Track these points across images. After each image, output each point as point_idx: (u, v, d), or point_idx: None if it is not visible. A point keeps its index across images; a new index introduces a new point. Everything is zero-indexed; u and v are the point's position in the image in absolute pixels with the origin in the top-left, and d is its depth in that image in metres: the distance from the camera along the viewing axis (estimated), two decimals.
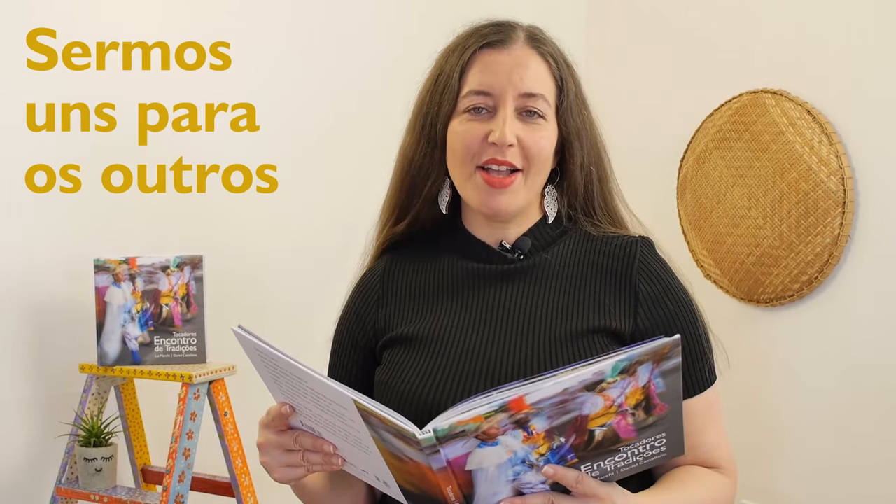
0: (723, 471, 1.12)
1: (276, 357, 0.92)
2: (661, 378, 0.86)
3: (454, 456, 0.86)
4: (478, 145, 1.10)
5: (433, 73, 1.16)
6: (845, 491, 2.33)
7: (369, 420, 0.88)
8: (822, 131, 2.30)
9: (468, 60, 1.12)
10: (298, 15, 2.49)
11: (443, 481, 0.87)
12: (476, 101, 1.10)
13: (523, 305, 1.12)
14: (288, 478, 1.02)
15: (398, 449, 0.88)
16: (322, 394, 0.90)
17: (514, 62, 1.10)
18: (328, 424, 0.94)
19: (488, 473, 0.88)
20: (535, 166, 1.11)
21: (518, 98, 1.10)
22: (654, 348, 0.84)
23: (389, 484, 0.96)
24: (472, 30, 1.15)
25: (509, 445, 0.86)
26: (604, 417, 0.87)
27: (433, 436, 0.84)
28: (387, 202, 1.23)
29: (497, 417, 0.84)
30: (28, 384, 2.09)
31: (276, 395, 1.00)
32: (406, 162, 1.18)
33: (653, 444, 0.91)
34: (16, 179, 2.07)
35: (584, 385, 0.84)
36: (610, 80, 2.95)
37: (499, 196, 1.10)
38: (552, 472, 0.89)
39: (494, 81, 1.10)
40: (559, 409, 0.85)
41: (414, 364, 1.11)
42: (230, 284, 2.28)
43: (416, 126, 1.17)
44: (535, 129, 1.11)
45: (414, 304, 1.18)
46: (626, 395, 0.86)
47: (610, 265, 1.13)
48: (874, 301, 2.26)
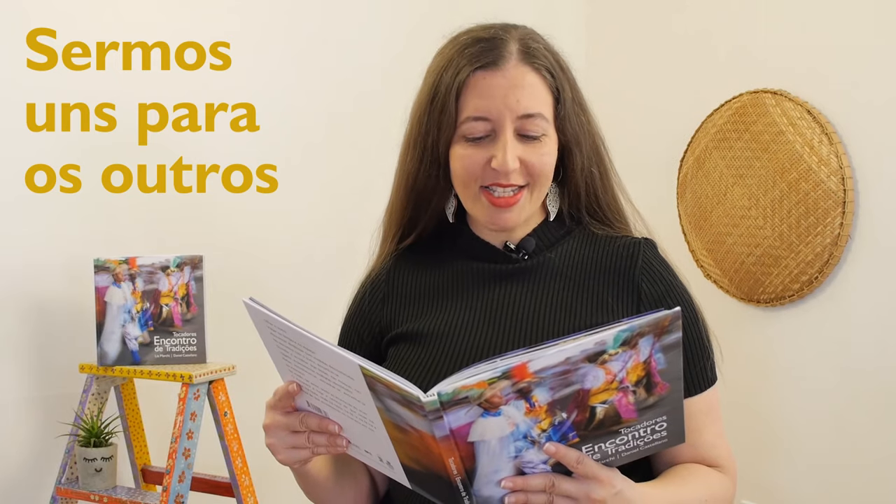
0: (722, 470, 1.13)
1: (286, 327, 0.93)
2: (662, 353, 0.88)
3: (457, 425, 0.87)
4: (480, 170, 1.10)
5: (428, 91, 1.15)
6: (845, 490, 2.33)
7: (375, 387, 0.89)
8: (822, 131, 2.30)
9: (463, 83, 1.10)
10: (298, 15, 2.49)
11: (445, 452, 0.88)
12: (475, 127, 1.10)
13: (527, 304, 1.13)
14: (292, 459, 1.02)
15: (403, 418, 0.89)
16: (330, 364, 0.91)
17: (509, 84, 1.09)
18: (334, 401, 0.95)
19: (490, 447, 0.89)
20: (538, 182, 1.12)
21: (517, 120, 1.09)
22: (656, 319, 0.85)
23: (393, 465, 0.97)
24: (462, 46, 1.13)
25: (512, 417, 0.87)
26: (605, 393, 0.88)
27: (437, 399, 0.85)
28: (392, 217, 1.23)
29: (500, 384, 0.85)
30: (28, 384, 2.09)
31: (284, 373, 1.01)
32: (410, 180, 1.18)
33: (654, 427, 0.92)
34: (16, 179, 2.07)
35: (586, 355, 0.85)
36: (610, 80, 2.95)
37: (505, 214, 1.12)
38: (553, 450, 0.90)
39: (492, 106, 1.09)
40: (561, 381, 0.86)
41: (418, 360, 1.12)
42: (230, 284, 2.28)
43: (416, 146, 1.16)
44: (536, 147, 1.11)
45: (419, 302, 1.19)
46: (628, 369, 0.87)
47: (613, 265, 1.14)
48: (874, 301, 2.26)
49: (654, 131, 2.84)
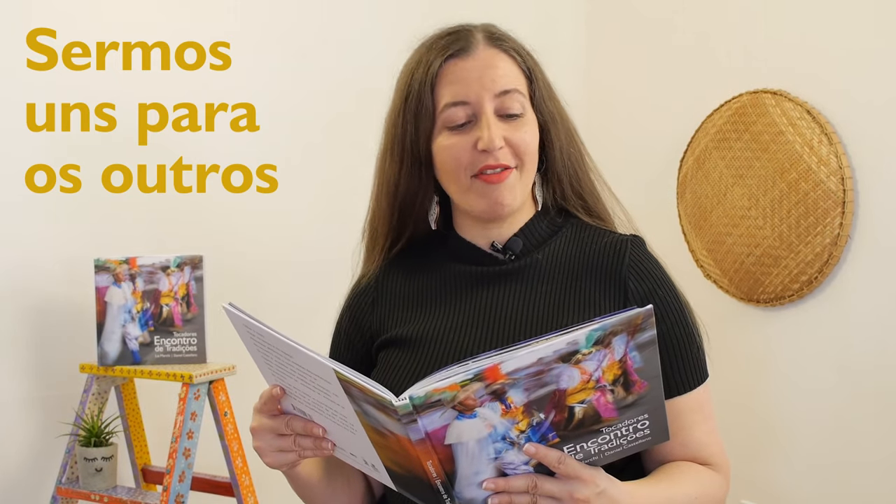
0: (714, 468, 1.12)
1: (264, 332, 0.94)
2: (638, 352, 0.87)
3: (433, 428, 0.87)
4: (468, 156, 1.11)
5: (400, 94, 1.16)
6: (844, 490, 2.33)
7: (350, 392, 0.89)
8: (821, 131, 2.30)
9: (436, 74, 1.12)
10: (298, 15, 2.49)
11: (423, 455, 0.88)
12: (455, 112, 1.11)
13: (515, 306, 1.13)
14: (279, 462, 1.03)
15: (379, 423, 0.89)
16: (307, 368, 0.92)
17: (482, 65, 1.11)
18: (316, 405, 0.96)
19: (469, 449, 0.89)
20: (526, 162, 1.13)
21: (495, 98, 1.11)
22: (628, 318, 0.85)
23: (377, 467, 0.97)
24: (429, 43, 1.16)
25: (488, 419, 0.87)
26: (582, 393, 0.88)
27: (409, 403, 0.85)
28: (376, 227, 1.23)
29: (473, 387, 0.85)
30: (28, 384, 2.09)
31: (268, 377, 1.02)
32: (391, 186, 1.18)
33: (636, 426, 0.92)
34: (16, 179, 2.07)
35: (558, 355, 0.85)
36: (610, 80, 2.95)
37: (499, 190, 1.11)
38: (534, 451, 0.90)
39: (468, 89, 1.10)
40: (536, 382, 0.86)
41: (407, 365, 1.12)
42: (230, 284, 2.28)
43: (394, 150, 1.17)
44: (517, 125, 1.12)
45: (408, 307, 1.19)
46: (603, 368, 0.87)
47: (600, 263, 1.14)
48: (874, 301, 2.26)
49: (654, 131, 2.84)
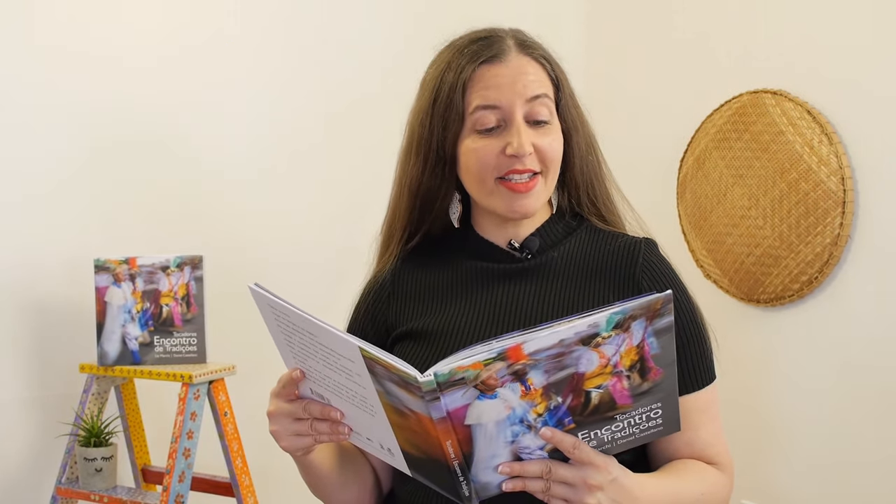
0: (719, 467, 1.14)
1: (290, 311, 0.96)
2: (655, 338, 0.89)
3: (454, 406, 0.88)
4: (495, 160, 1.13)
5: (428, 94, 1.17)
6: (845, 490, 2.33)
7: (374, 370, 0.90)
8: (822, 131, 2.30)
9: (468, 78, 1.13)
10: (298, 15, 2.49)
11: (443, 435, 0.89)
12: (485, 115, 1.13)
13: (530, 303, 1.15)
14: (295, 447, 1.04)
15: (401, 401, 0.90)
16: (331, 347, 0.93)
17: (514, 72, 1.13)
18: (336, 387, 0.97)
19: (487, 430, 0.90)
20: (551, 169, 1.15)
21: (525, 104, 1.13)
22: (647, 302, 0.87)
23: (393, 451, 0.98)
24: (460, 47, 1.16)
25: (507, 400, 0.89)
26: (599, 378, 0.90)
27: (434, 379, 0.86)
28: (395, 221, 1.24)
29: (496, 366, 0.87)
30: (28, 384, 2.09)
31: (288, 360, 1.03)
32: (413, 183, 1.19)
33: (649, 414, 0.94)
34: (16, 179, 2.07)
35: (579, 337, 0.87)
36: (610, 80, 2.95)
37: (523, 200, 1.14)
38: (549, 435, 0.91)
39: (500, 94, 1.12)
40: (556, 364, 0.88)
41: (422, 358, 1.14)
42: (230, 284, 2.28)
43: (419, 149, 1.18)
44: (545, 132, 1.14)
45: (424, 301, 1.21)
46: (622, 353, 0.89)
47: (615, 264, 1.16)
48: (874, 301, 2.26)
49: (654, 131, 2.84)
